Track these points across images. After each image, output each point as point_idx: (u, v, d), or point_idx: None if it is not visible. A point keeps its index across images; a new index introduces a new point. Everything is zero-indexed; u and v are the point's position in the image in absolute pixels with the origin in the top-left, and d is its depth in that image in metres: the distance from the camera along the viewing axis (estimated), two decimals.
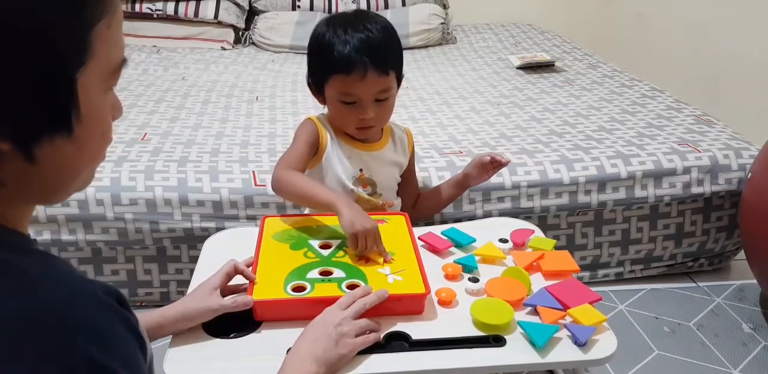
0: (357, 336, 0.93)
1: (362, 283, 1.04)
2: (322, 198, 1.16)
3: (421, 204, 1.51)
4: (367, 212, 1.34)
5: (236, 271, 1.04)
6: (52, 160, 0.51)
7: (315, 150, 1.31)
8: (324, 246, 1.16)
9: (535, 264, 1.17)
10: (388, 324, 1.00)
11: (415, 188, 1.51)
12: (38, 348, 0.45)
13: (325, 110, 1.35)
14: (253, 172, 1.69)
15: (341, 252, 1.14)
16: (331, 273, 1.08)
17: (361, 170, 1.33)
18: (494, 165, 1.39)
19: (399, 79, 1.30)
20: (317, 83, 1.28)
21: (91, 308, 0.50)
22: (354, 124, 1.27)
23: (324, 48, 1.22)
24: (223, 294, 1.01)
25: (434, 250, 1.22)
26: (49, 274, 0.50)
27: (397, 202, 1.43)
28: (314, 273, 1.07)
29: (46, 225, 1.60)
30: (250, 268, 1.07)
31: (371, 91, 1.23)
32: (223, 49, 3.03)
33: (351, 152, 1.32)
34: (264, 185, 1.64)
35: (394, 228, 1.23)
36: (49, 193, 0.55)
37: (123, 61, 0.54)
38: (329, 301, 0.97)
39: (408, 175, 1.46)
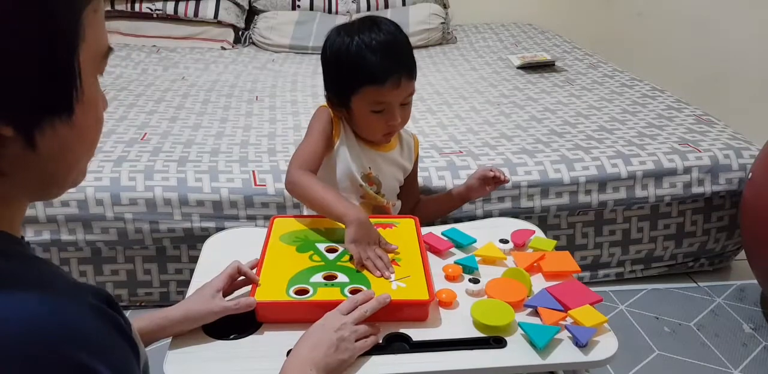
0: (357, 340, 0.93)
1: (365, 289, 1.03)
2: (334, 210, 1.15)
3: (420, 210, 1.51)
4: (375, 213, 1.35)
5: (239, 273, 1.04)
6: (51, 146, 0.50)
7: (330, 140, 1.29)
8: (330, 250, 1.15)
9: (535, 264, 1.17)
10: (389, 326, 0.99)
11: (415, 192, 1.52)
12: (26, 355, 0.44)
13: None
14: (253, 171, 1.68)
15: (347, 257, 1.13)
16: (335, 277, 1.07)
17: (369, 168, 1.33)
18: (495, 180, 1.40)
19: None
20: (342, 95, 1.25)
21: (80, 313, 0.49)
22: (382, 130, 1.28)
23: (352, 58, 1.20)
24: (226, 295, 1.01)
25: (435, 251, 1.22)
26: (37, 279, 0.49)
27: (398, 205, 1.43)
28: (318, 277, 1.06)
29: (46, 225, 1.60)
30: (254, 270, 1.06)
31: (402, 96, 1.23)
32: (223, 48, 3.03)
33: (362, 150, 1.33)
34: (264, 185, 1.64)
35: (402, 233, 1.22)
36: (46, 185, 0.55)
37: (109, 49, 0.55)
38: (331, 305, 0.97)
39: (410, 179, 1.47)
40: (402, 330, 0.99)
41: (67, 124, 0.51)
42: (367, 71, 1.19)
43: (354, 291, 1.03)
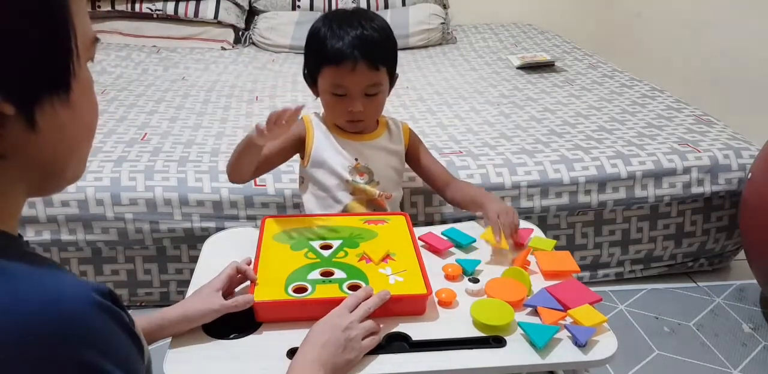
0: (363, 339, 0.93)
1: (363, 284, 1.04)
2: (242, 144, 1.22)
3: (453, 194, 1.44)
4: (369, 208, 1.35)
5: (239, 271, 1.04)
6: (51, 128, 0.51)
7: (292, 144, 1.35)
8: (325, 247, 1.15)
9: (533, 263, 1.18)
10: (389, 325, 1.00)
11: (441, 174, 1.46)
12: (29, 353, 0.44)
13: (321, 109, 1.37)
14: None
15: (342, 253, 1.13)
16: (332, 273, 1.07)
17: (356, 159, 1.35)
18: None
19: (392, 77, 1.33)
20: (311, 75, 1.32)
21: (83, 310, 0.48)
22: (343, 116, 1.31)
23: (318, 41, 1.27)
24: (225, 296, 1.01)
25: (434, 250, 1.22)
26: (38, 277, 0.49)
27: (397, 195, 1.42)
28: (315, 274, 1.07)
29: (46, 225, 1.60)
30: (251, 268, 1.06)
31: (360, 83, 1.26)
32: (223, 49, 3.03)
33: (345, 144, 1.35)
34: (264, 185, 1.64)
35: (394, 229, 1.23)
36: (45, 174, 0.55)
37: (95, 38, 0.56)
38: (330, 302, 0.97)
39: (422, 162, 1.45)
40: (402, 330, 0.99)
41: (66, 104, 0.51)
42: (326, 51, 1.24)
43: (352, 287, 1.03)
